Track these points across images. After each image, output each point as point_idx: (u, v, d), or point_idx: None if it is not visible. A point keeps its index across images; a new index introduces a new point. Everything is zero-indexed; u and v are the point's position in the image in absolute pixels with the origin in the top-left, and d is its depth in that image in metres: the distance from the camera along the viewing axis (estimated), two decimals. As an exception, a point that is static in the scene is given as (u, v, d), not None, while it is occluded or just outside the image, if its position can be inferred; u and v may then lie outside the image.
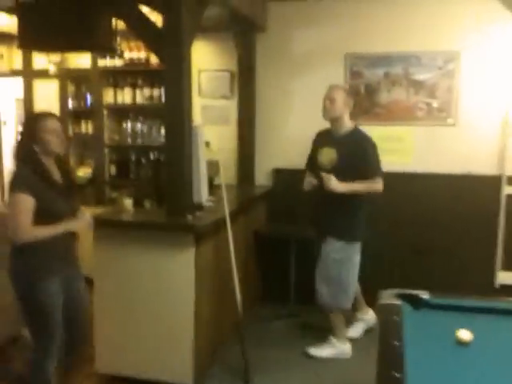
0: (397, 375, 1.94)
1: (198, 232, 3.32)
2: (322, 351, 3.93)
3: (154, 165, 5.21)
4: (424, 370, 2.02)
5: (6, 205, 2.78)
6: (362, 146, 3.82)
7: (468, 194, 4.58)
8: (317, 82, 4.81)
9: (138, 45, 5.13)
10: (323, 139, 3.98)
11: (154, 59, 5.13)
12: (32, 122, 2.80)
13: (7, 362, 3.88)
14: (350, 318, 4.23)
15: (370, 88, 4.75)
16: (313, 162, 4.01)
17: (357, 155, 3.77)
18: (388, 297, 2.76)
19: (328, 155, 3.86)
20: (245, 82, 4.95)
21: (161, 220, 3.40)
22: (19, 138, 2.84)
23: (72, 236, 2.84)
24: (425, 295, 2.76)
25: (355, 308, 4.26)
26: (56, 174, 2.83)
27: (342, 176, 3.71)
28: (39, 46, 3.79)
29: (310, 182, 3.90)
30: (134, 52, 5.16)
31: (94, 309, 3.47)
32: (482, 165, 4.55)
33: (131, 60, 5.19)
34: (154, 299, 3.40)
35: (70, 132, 5.49)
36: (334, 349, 3.93)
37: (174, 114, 3.37)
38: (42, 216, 2.66)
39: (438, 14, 4.53)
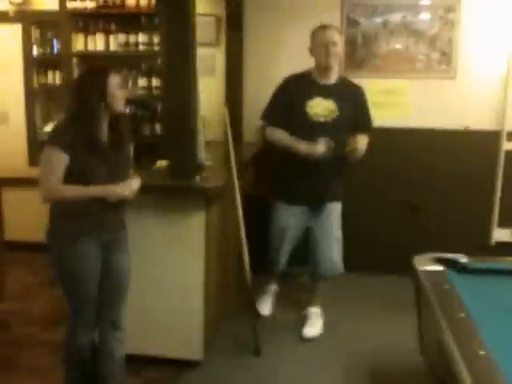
0: (482, 353, 1.77)
1: (208, 195, 3.03)
2: (317, 328, 3.63)
3: (130, 120, 4.80)
4: (502, 343, 1.86)
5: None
6: (359, 94, 3.54)
7: (466, 150, 4.46)
8: (310, 30, 4.50)
9: (113, -15, 4.62)
10: (308, 88, 3.45)
11: (130, 1, 4.63)
12: (99, 76, 2.46)
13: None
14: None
15: (367, 37, 4.48)
16: (298, 117, 3.44)
17: (357, 105, 3.49)
18: (426, 262, 2.60)
19: (324, 106, 3.41)
20: (232, 29, 4.56)
21: (167, 182, 3.07)
22: (77, 92, 2.50)
23: (113, 201, 2.50)
24: (463, 259, 2.62)
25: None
26: (104, 134, 2.52)
27: (342, 130, 3.41)
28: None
29: (325, 144, 3.32)
30: (108, -7, 4.64)
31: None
32: (481, 120, 4.43)
33: (104, 2, 4.65)
34: (158, 272, 3.11)
35: (35, 83, 4.96)
36: (321, 317, 3.72)
37: (177, 59, 2.99)
38: (75, 177, 2.42)
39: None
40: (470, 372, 1.64)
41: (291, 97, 3.47)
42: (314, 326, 3.64)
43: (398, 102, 4.52)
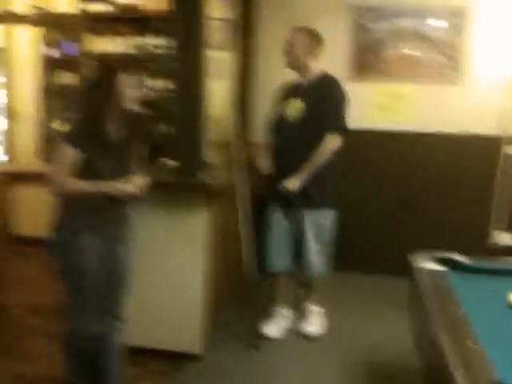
0: (472, 345, 1.81)
1: (212, 192, 3.10)
2: (315, 327, 3.65)
3: (144, 121, 4.89)
4: (493, 338, 1.89)
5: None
6: (328, 91, 3.42)
7: (468, 154, 4.52)
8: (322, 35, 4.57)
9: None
10: (287, 91, 3.57)
11: (142, 5, 4.76)
12: (110, 74, 2.51)
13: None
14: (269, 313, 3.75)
15: (375, 42, 4.54)
16: (276, 120, 3.59)
17: (323, 102, 3.39)
18: (424, 260, 2.64)
19: (293, 107, 3.46)
20: (246, 34, 4.65)
21: (172, 178, 3.15)
22: (87, 89, 2.61)
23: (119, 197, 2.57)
24: (461, 258, 2.66)
25: (278, 301, 3.75)
26: (115, 133, 2.58)
27: (310, 129, 3.36)
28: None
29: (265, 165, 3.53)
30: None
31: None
32: (485, 125, 4.46)
33: (118, 6, 4.79)
34: (161, 266, 3.18)
35: (49, 82, 5.09)
36: (320, 315, 3.72)
37: (188, 61, 3.10)
38: (84, 173, 2.50)
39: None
40: (458, 360, 1.68)
41: (278, 102, 3.62)
42: (312, 324, 3.67)
43: (404, 106, 4.57)
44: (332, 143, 3.37)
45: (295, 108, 3.46)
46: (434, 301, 2.18)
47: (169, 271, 3.18)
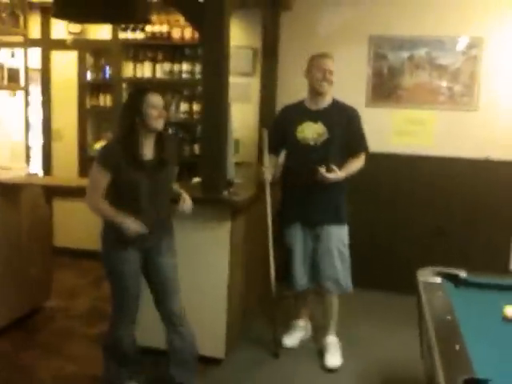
0: (458, 348, 2.01)
1: (235, 207, 3.36)
2: (337, 358, 3.63)
3: (178, 142, 5.20)
4: (479, 345, 2.09)
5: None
6: (352, 116, 3.61)
7: (486, 179, 4.66)
8: (340, 63, 4.81)
9: (161, 18, 5.09)
10: (298, 114, 3.66)
11: (175, 33, 5.11)
12: (137, 95, 2.76)
13: (32, 331, 3.93)
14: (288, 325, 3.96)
15: (393, 71, 4.79)
16: (284, 142, 3.70)
17: (348, 127, 3.56)
18: (428, 275, 2.84)
19: (313, 130, 3.57)
20: (267, 60, 4.95)
21: (197, 194, 3.41)
22: (121, 112, 2.84)
23: (159, 211, 2.83)
24: (463, 273, 2.85)
25: (298, 314, 3.97)
26: (149, 153, 2.79)
27: (332, 152, 3.52)
28: (74, 17, 3.72)
29: (269, 169, 3.67)
30: (156, 26, 5.11)
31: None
32: (501, 150, 4.63)
33: (153, 34, 5.15)
34: (188, 274, 3.38)
35: (87, 104, 5.46)
36: (339, 347, 3.72)
37: (213, 87, 3.38)
38: (122, 191, 2.73)
39: (463, -2, 4.58)
40: (444, 361, 1.89)
41: (284, 124, 3.70)
42: (334, 356, 3.65)
43: (422, 132, 4.79)
44: (363, 161, 3.62)
45: (316, 133, 3.57)
46: (430, 309, 2.38)
47: (194, 279, 3.43)
